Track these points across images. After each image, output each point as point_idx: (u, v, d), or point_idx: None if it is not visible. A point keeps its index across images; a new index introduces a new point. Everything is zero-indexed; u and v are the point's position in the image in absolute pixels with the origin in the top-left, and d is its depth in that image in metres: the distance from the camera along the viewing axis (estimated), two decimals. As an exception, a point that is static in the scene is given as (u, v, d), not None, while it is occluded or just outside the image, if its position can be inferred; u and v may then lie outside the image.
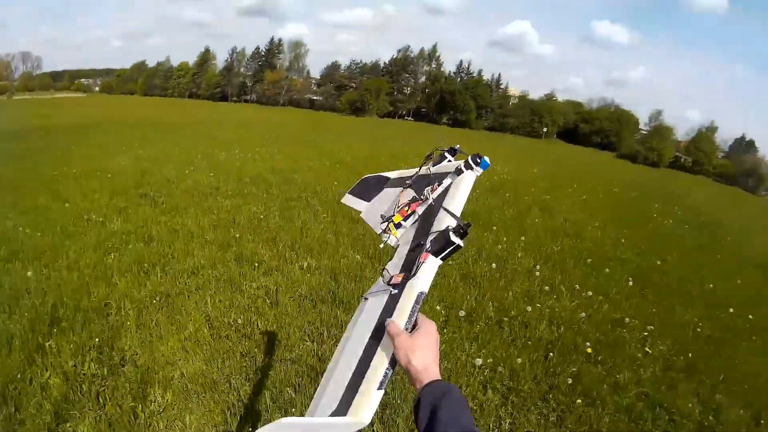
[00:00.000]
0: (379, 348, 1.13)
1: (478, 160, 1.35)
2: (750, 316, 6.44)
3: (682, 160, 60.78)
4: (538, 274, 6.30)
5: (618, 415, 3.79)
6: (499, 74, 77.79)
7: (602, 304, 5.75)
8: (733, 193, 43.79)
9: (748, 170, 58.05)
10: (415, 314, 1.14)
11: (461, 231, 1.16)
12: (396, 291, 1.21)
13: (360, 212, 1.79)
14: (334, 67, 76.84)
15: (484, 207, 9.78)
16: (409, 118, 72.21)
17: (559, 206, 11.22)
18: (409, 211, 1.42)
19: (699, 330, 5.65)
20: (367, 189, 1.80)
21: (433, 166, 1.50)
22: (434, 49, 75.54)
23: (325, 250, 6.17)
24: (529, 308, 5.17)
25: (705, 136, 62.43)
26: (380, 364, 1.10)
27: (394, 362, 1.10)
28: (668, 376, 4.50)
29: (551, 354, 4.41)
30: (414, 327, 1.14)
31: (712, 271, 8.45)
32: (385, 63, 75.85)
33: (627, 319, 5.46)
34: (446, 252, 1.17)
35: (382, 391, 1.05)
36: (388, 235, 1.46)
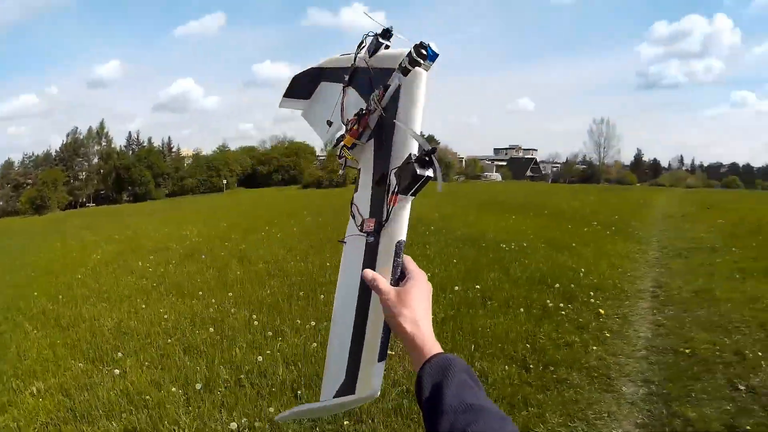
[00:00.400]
0: (370, 312, 1.11)
1: (424, 51, 1.12)
2: (477, 286, 7.46)
3: (367, 171, 70.18)
4: (257, 323, 6.41)
5: (389, 418, 3.99)
6: (169, 137, 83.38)
7: (329, 328, 5.76)
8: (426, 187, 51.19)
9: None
10: (399, 268, 1.08)
11: (427, 159, 1.03)
12: (371, 239, 1.15)
13: (300, 112, 1.75)
14: (8, 165, 74.74)
15: (184, 275, 9.70)
16: (91, 204, 72.06)
17: (256, 251, 11.62)
18: (361, 130, 1.30)
19: (434, 317, 5.98)
20: (303, 86, 1.72)
21: (370, 56, 1.33)
22: (101, 125, 77.26)
23: (47, 369, 5.84)
24: (260, 357, 5.27)
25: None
26: (375, 333, 1.07)
27: (388, 328, 1.06)
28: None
29: (299, 392, 4.51)
30: (401, 278, 1.08)
31: (427, 262, 9.35)
32: (56, 151, 75.98)
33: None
34: (416, 188, 1.06)
35: (384, 362, 1.04)
36: (343, 160, 1.37)
